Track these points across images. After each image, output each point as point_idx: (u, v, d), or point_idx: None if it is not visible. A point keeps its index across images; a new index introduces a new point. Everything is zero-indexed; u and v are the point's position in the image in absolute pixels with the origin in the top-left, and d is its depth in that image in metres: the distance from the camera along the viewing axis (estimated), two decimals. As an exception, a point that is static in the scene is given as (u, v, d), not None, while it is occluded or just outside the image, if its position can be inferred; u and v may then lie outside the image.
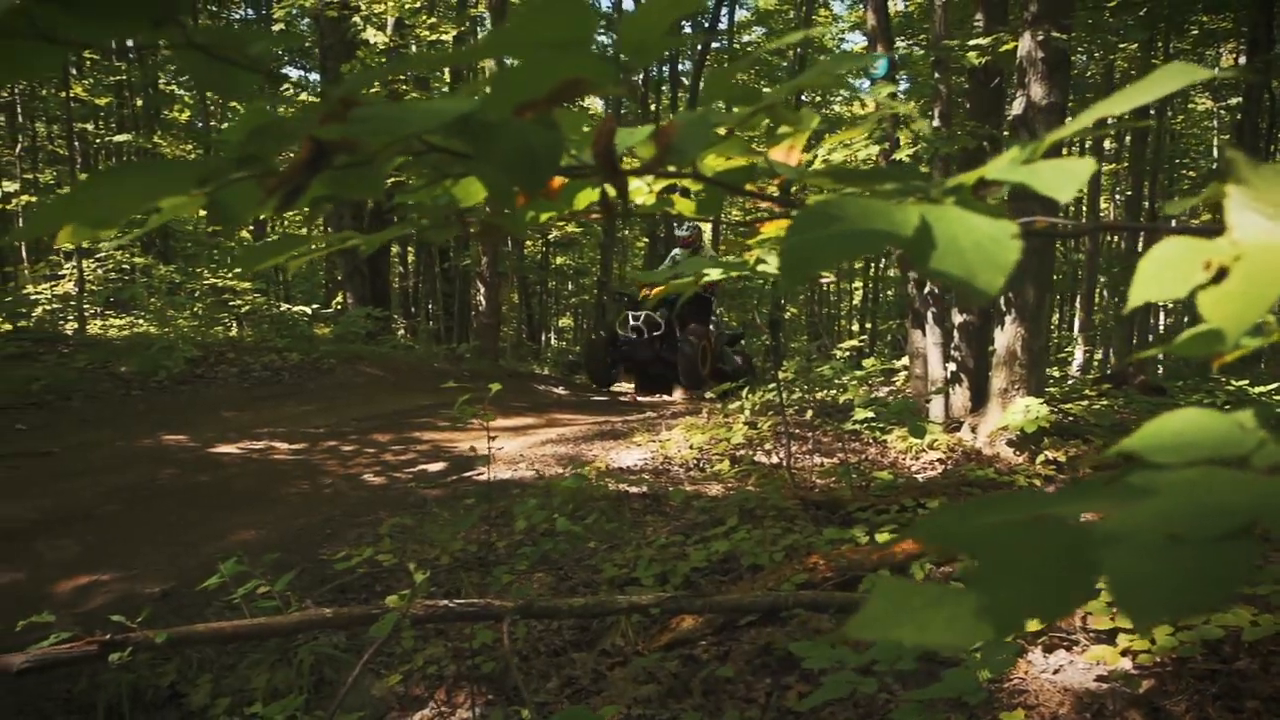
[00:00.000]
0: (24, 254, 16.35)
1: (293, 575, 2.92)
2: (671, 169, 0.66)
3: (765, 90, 0.68)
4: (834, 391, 6.87)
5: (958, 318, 5.88)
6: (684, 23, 20.24)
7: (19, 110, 15.16)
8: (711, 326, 11.01)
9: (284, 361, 8.66)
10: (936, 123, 5.72)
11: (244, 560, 2.83)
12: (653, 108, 20.35)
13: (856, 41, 23.13)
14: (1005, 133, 6.17)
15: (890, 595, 0.51)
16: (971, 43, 5.41)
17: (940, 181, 0.67)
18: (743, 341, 12.70)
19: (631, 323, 10.76)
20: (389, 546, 3.87)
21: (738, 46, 21.12)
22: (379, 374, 9.12)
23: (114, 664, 2.36)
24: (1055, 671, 2.64)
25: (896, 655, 1.98)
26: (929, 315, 5.99)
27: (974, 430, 5.37)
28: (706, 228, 11.64)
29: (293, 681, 3.00)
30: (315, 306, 12.79)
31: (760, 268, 1.08)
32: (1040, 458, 4.81)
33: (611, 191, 0.67)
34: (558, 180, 0.88)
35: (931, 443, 5.15)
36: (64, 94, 13.63)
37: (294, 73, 22.38)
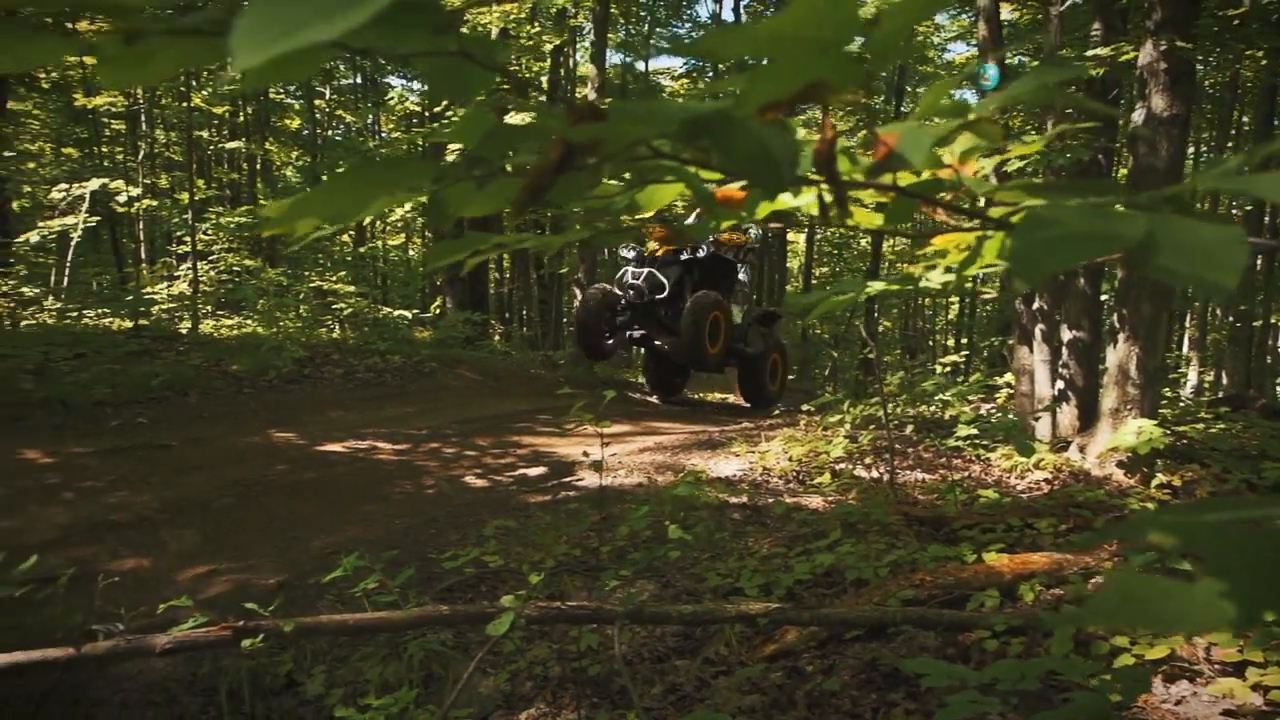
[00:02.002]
0: (143, 255, 17.06)
1: (410, 573, 3.00)
2: (885, 179, 0.67)
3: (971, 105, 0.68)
4: (934, 407, 6.76)
5: (1066, 334, 5.73)
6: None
7: (142, 118, 15.84)
8: (741, 299, 9.60)
9: (386, 364, 8.88)
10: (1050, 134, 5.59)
11: (364, 557, 2.91)
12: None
13: (959, 51, 22.74)
14: (1119, 144, 6.01)
15: (1123, 587, 0.52)
16: (1089, 53, 5.28)
17: (1156, 193, 0.67)
18: (780, 320, 10.93)
19: (630, 280, 8.94)
20: (494, 548, 3.94)
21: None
22: (477, 378, 9.28)
23: (246, 649, 2.45)
24: (1177, 703, 2.56)
25: (1019, 675, 1.95)
26: (1037, 331, 5.85)
27: (1082, 450, 5.23)
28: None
29: (403, 676, 3.07)
30: (415, 311, 13.08)
31: (924, 283, 1.08)
32: (1155, 481, 4.66)
33: (829, 199, 0.68)
34: (739, 191, 0.89)
35: (1037, 462, 5.03)
36: (185, 104, 14.20)
37: (397, 82, 23.00)
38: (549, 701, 3.05)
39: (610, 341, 9.15)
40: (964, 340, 25.37)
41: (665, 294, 8.90)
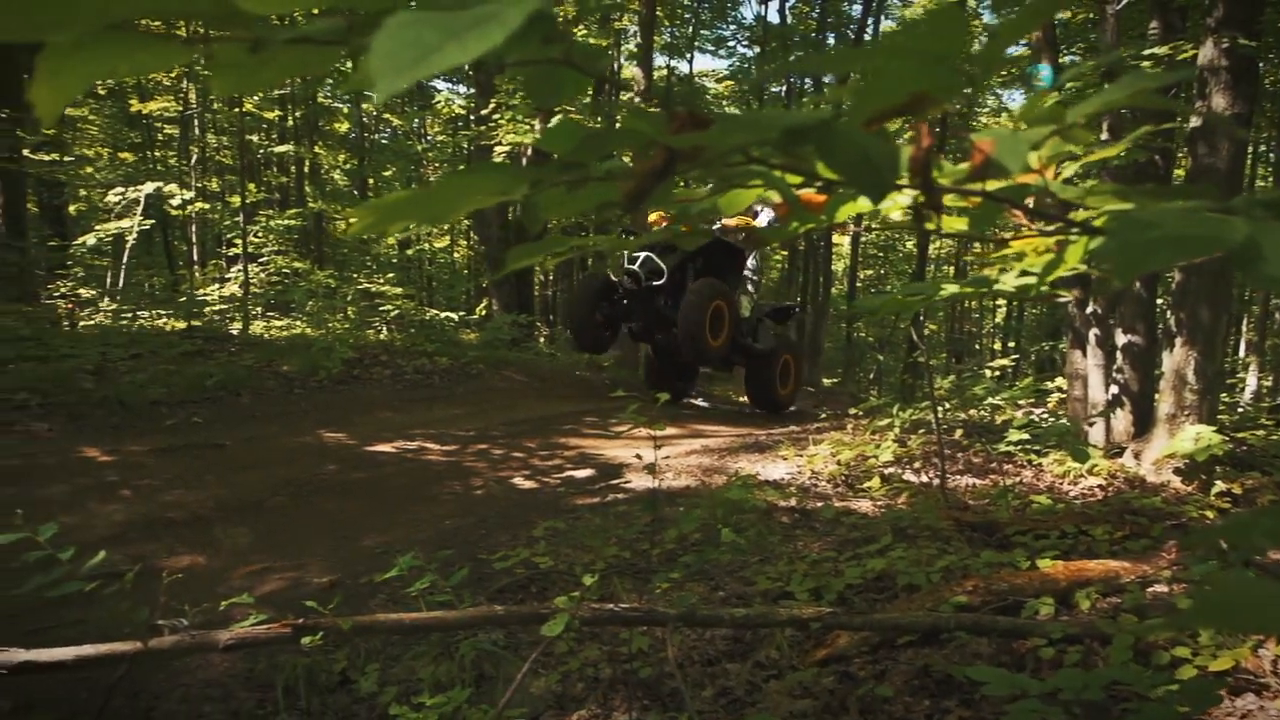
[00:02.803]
0: (194, 257, 17.37)
1: (464, 573, 3.02)
2: (981, 185, 0.67)
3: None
4: (983, 411, 6.69)
5: (1121, 338, 5.64)
6: (828, 34, 20.08)
7: (195, 123, 16.13)
8: (750, 289, 8.69)
9: (434, 365, 8.96)
10: (1105, 135, 5.51)
11: (418, 557, 2.94)
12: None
13: (1008, 52, 22.42)
14: (1175, 144, 5.91)
15: (1224, 589, 0.51)
16: (1146, 52, 5.19)
17: (1249, 196, 0.66)
18: (795, 315, 10.15)
19: (626, 265, 8.11)
20: (543, 549, 3.96)
21: (882, 58, 20.81)
22: (523, 380, 9.33)
23: (305, 647, 2.48)
24: (1243, 716, 2.50)
25: (1082, 684, 1.92)
26: (1091, 336, 5.77)
27: (1137, 457, 5.14)
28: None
29: (455, 675, 3.10)
30: (461, 313, 13.19)
31: (997, 286, 1.07)
32: (1214, 489, 4.57)
33: (922, 203, 0.68)
34: (819, 195, 0.89)
35: (1091, 468, 4.96)
36: (237, 109, 14.43)
37: (442, 85, 23.19)
38: (600, 703, 3.05)
39: (606, 334, 8.46)
40: (1011, 344, 25.07)
41: (664, 280, 8.00)
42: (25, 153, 11.76)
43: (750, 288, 8.81)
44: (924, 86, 0.55)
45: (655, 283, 7.99)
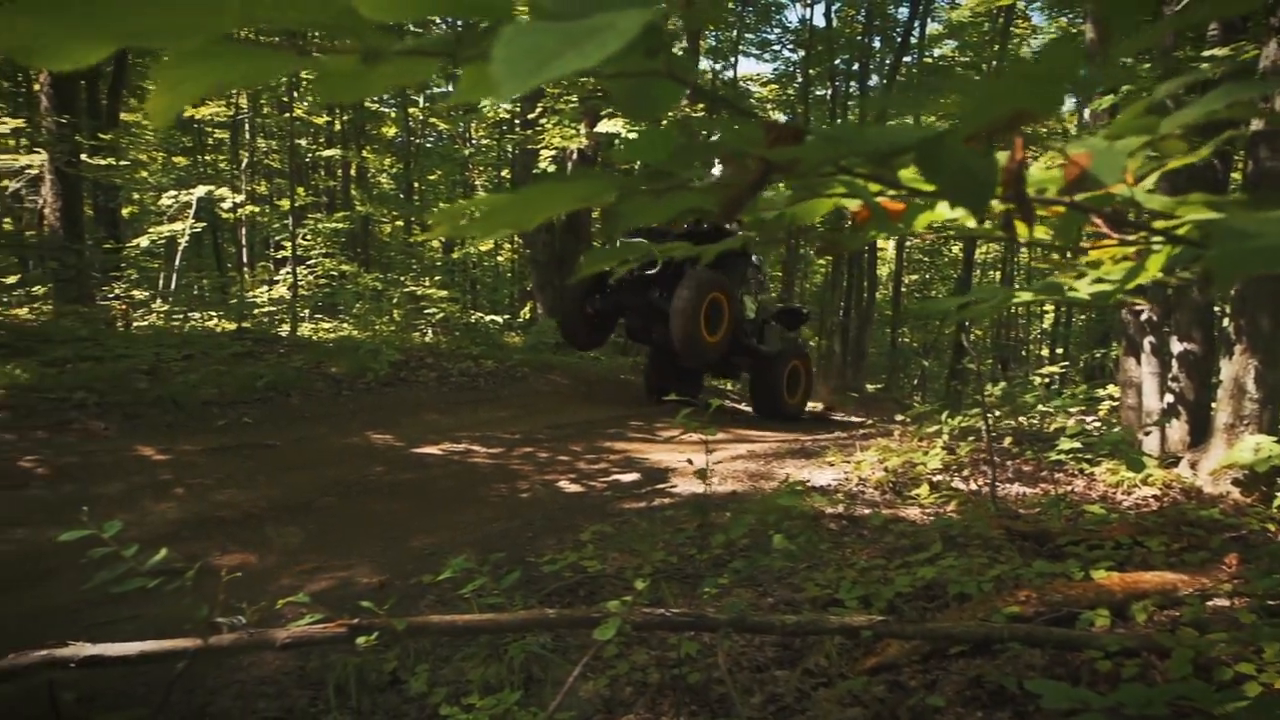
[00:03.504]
0: (244, 259, 17.64)
1: (516, 575, 3.03)
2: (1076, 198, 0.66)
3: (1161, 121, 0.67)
4: (1032, 418, 6.60)
5: (1177, 346, 5.54)
6: (875, 38, 19.94)
7: (246, 127, 16.38)
8: (754, 288, 8.15)
9: (479, 368, 9.02)
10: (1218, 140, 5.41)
11: (470, 559, 2.96)
12: (838, 122, 20.09)
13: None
14: (1232, 148, 5.80)
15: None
16: (1206, 54, 5.09)
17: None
18: (806, 321, 9.63)
19: None
20: (591, 553, 3.96)
21: (929, 60, 20.63)
22: (568, 383, 9.36)
23: (360, 646, 2.51)
24: (1308, 732, 2.45)
25: (1146, 700, 1.89)
26: (1146, 343, 5.67)
27: (1194, 467, 5.05)
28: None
29: (504, 678, 3.11)
30: (506, 317, 13.25)
31: (1071, 293, 1.06)
32: (1276, 501, 4.47)
33: (1017, 217, 0.67)
34: (898, 204, 0.89)
35: (1145, 478, 4.87)
36: (287, 114, 14.63)
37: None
38: (649, 707, 3.05)
39: (599, 329, 7.96)
40: (1059, 350, 24.72)
41: (657, 270, 7.35)
42: (83, 157, 12.02)
43: (753, 287, 8.29)
44: (1028, 104, 0.54)
45: (649, 272, 7.38)
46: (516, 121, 17.64)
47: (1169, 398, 5.59)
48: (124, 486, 5.09)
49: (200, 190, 13.56)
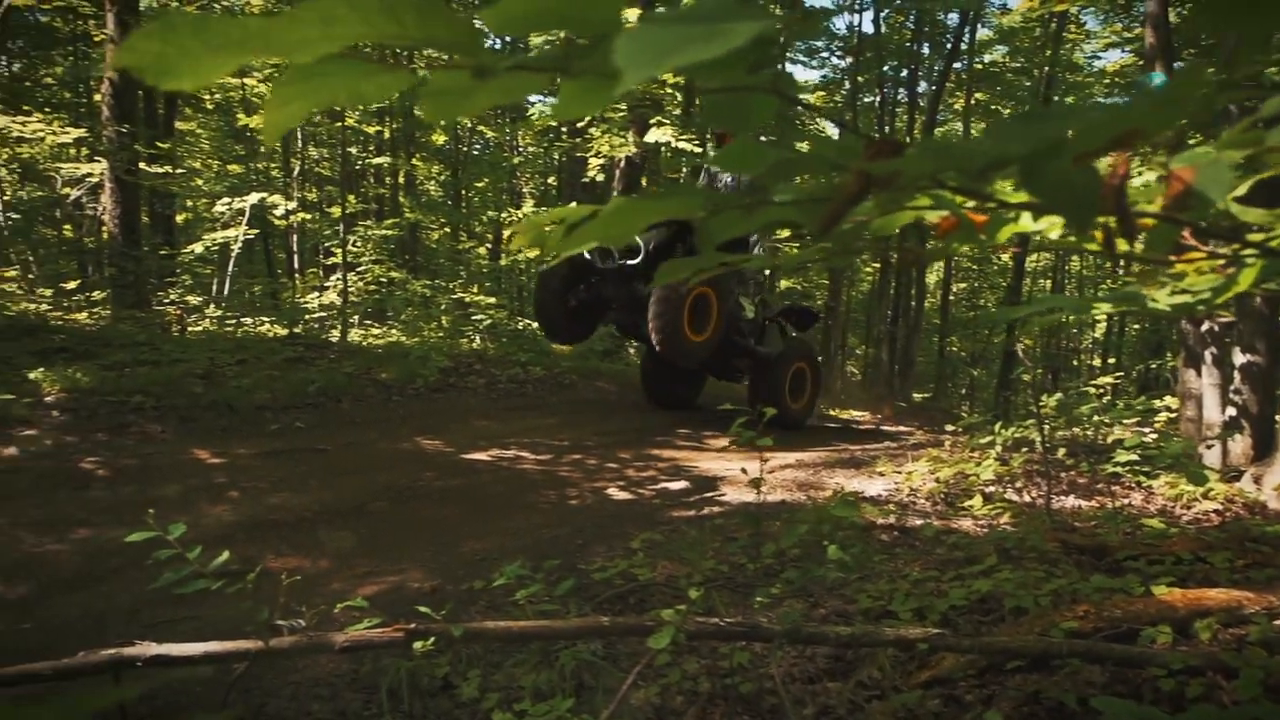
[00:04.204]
0: (295, 265, 17.90)
1: (571, 583, 3.04)
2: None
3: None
4: (1087, 429, 6.49)
5: (1239, 357, 5.42)
6: (923, 43, 19.79)
7: (298, 135, 16.63)
8: (754, 288, 7.50)
9: (527, 375, 9.06)
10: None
11: (525, 565, 2.97)
12: (886, 130, 19.98)
13: (1110, 59, 21.87)
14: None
15: None
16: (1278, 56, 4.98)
17: None
18: (817, 321, 9.00)
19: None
20: (641, 561, 3.96)
21: (979, 66, 20.43)
22: (616, 390, 9.38)
23: (417, 651, 2.53)
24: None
25: (1217, 718, 1.85)
26: (1207, 355, 5.56)
27: (1257, 482, 4.93)
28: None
29: (556, 684, 3.12)
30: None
31: (1151, 304, 1.04)
32: (1344, 517, 4.36)
33: (1117, 233, 0.66)
34: (981, 215, 0.88)
35: (1207, 492, 4.77)
36: (339, 123, 14.84)
37: (534, 98, 23.50)
38: (699, 717, 3.04)
39: (582, 322, 7.28)
40: (1110, 360, 24.31)
41: (640, 259, 6.59)
42: (141, 165, 12.28)
43: (752, 287, 7.62)
44: (1146, 124, 0.54)
45: (630, 262, 6.64)
46: (564, 129, 17.75)
47: (1231, 410, 5.47)
48: (181, 489, 5.18)
49: (253, 197, 13.79)
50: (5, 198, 14.08)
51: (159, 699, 3.06)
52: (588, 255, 6.69)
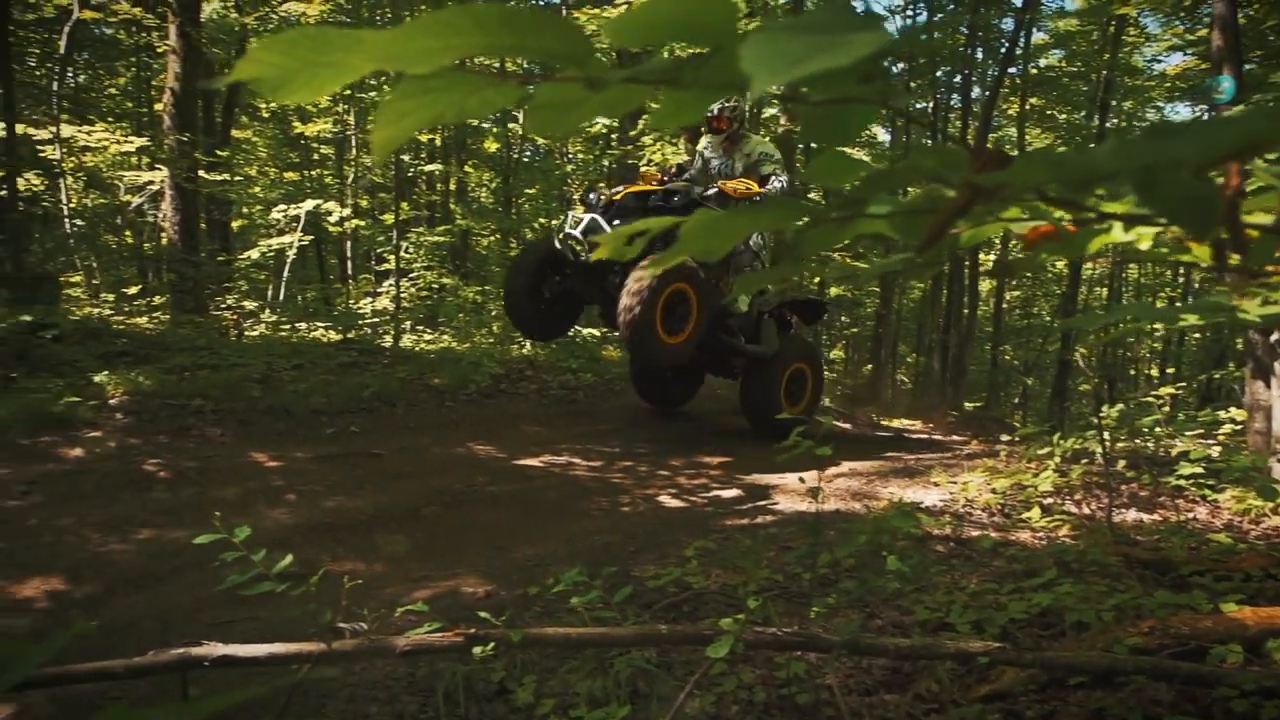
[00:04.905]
0: (347, 271, 18.14)
1: (629, 591, 3.04)
2: None
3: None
4: (1148, 441, 6.36)
5: (1308, 368, 5.29)
6: (978, 48, 19.57)
7: (352, 143, 16.87)
8: (754, 266, 6.77)
9: (578, 381, 9.09)
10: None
11: (583, 572, 2.98)
12: (938, 137, 19.74)
13: (1172, 62, 21.46)
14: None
15: None
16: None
17: None
18: (825, 313, 8.46)
19: (568, 230, 6.28)
20: (695, 569, 3.95)
21: (1035, 71, 20.15)
22: (665, 397, 9.37)
23: (477, 656, 2.55)
24: None
25: (1294, 742, 1.79)
26: (1277, 366, 5.42)
27: (1328, 495, 4.80)
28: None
29: (611, 691, 3.12)
30: (604, 330, 13.33)
31: (1241, 315, 1.02)
32: None
33: (1229, 246, 0.65)
34: (1074, 226, 0.87)
35: (1277, 507, 4.65)
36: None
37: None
38: (755, 727, 3.03)
39: (557, 315, 6.79)
40: (1169, 370, 23.82)
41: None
42: (200, 173, 12.53)
43: (750, 263, 6.94)
44: (1270, 135, 0.53)
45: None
46: (613, 136, 17.81)
47: (1300, 422, 5.34)
48: (239, 491, 5.27)
49: (309, 204, 13.99)
50: (71, 205, 14.44)
51: (217, 694, 3.10)
52: (558, 245, 6.34)
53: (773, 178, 6.52)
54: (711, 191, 6.41)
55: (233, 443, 6.24)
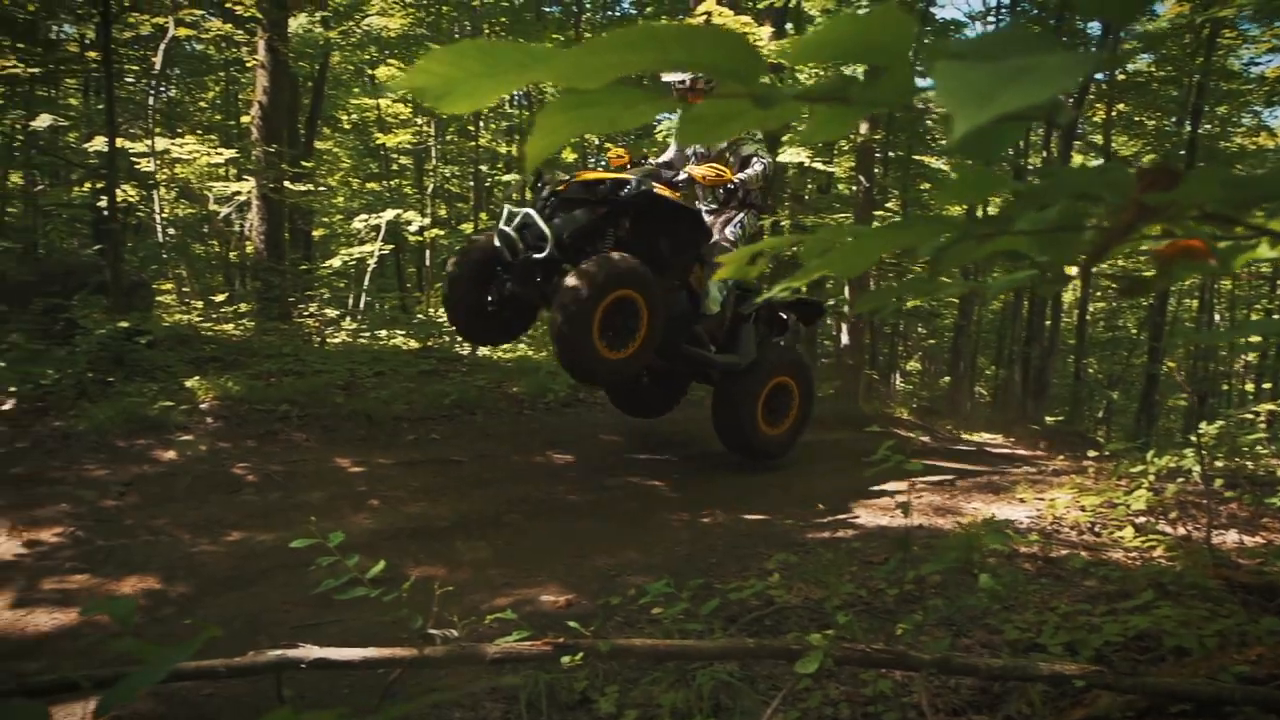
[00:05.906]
0: (425, 279, 18.43)
1: (716, 604, 3.03)
2: None
3: None
4: (1248, 460, 6.13)
5: None
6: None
7: (432, 154, 17.15)
8: (710, 272, 6.02)
9: (655, 391, 9.08)
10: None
11: (671, 584, 2.97)
12: (1020, 144, 19.36)
13: (1271, 64, 20.72)
14: None
15: None
16: None
17: None
18: (824, 314, 7.63)
19: (502, 225, 5.62)
20: (778, 582, 3.91)
21: (1123, 76, 19.60)
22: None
23: (565, 665, 2.55)
24: None
25: None
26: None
27: None
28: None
29: (693, 704, 3.10)
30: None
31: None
32: None
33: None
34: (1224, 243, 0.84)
35: (1387, 530, 4.44)
36: (473, 142, 15.24)
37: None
38: (839, 745, 2.98)
39: (506, 317, 6.07)
40: (1266, 385, 22.96)
41: (547, 253, 5.35)
42: (285, 184, 12.86)
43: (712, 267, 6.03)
44: None
45: (537, 255, 5.39)
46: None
47: None
48: (325, 495, 5.37)
49: (390, 214, 14.25)
50: (164, 215, 14.92)
51: (304, 702, 3.16)
52: (498, 244, 5.64)
53: (755, 159, 6.03)
54: (681, 178, 5.87)
55: (318, 448, 6.37)
